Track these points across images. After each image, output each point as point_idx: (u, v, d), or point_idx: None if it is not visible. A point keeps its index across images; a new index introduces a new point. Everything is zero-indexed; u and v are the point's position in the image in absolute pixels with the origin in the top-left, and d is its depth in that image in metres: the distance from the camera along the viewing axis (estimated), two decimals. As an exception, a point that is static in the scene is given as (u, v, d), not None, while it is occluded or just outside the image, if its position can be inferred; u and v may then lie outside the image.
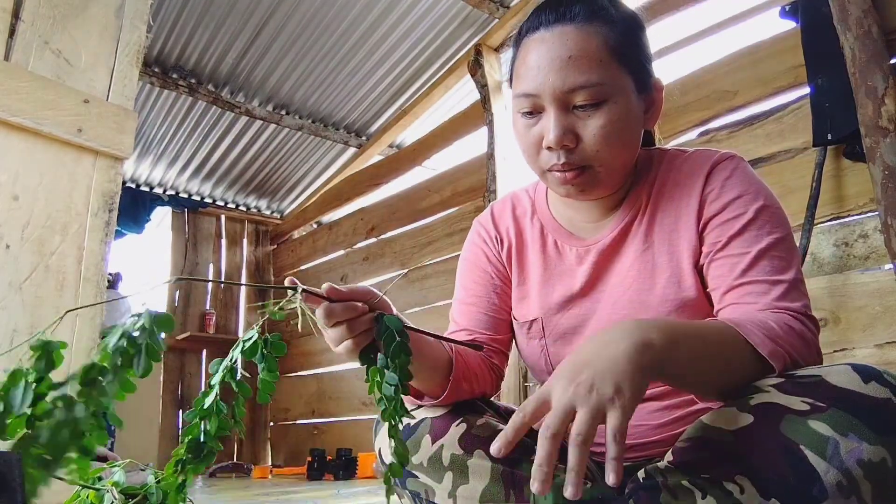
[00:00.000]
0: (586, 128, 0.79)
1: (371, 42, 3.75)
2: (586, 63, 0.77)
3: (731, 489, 0.60)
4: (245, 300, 5.49)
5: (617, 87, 0.79)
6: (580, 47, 0.78)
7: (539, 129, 0.81)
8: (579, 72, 0.77)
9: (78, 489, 0.68)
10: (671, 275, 0.84)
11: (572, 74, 0.77)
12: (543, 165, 0.83)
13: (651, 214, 0.88)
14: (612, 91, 0.78)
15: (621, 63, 0.79)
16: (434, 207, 4.06)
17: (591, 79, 0.77)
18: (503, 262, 0.98)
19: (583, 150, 0.80)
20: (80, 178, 1.48)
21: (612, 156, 0.80)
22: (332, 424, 4.64)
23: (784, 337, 0.68)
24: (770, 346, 0.66)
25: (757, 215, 0.79)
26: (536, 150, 0.83)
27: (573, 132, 0.79)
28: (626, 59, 0.80)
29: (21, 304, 1.34)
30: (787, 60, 2.42)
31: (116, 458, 2.08)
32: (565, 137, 0.79)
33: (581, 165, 0.80)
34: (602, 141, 0.79)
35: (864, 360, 2.07)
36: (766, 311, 0.73)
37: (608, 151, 0.80)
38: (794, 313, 0.72)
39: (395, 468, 0.68)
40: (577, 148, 0.80)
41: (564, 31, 0.79)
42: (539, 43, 0.80)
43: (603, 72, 0.78)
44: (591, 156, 0.80)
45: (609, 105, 0.78)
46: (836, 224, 2.24)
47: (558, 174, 0.82)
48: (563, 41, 0.78)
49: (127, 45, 1.60)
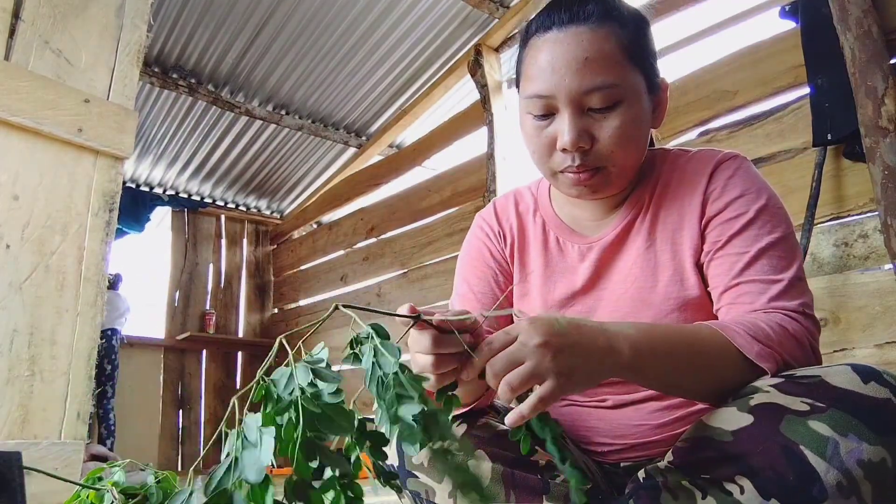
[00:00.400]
0: (601, 129, 0.79)
1: (371, 42, 3.75)
2: (602, 64, 0.77)
3: (731, 489, 0.60)
4: (245, 300, 5.50)
5: (631, 88, 0.79)
6: (596, 48, 0.77)
7: (552, 130, 0.81)
8: (596, 73, 0.77)
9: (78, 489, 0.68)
10: (673, 273, 0.84)
11: (589, 76, 0.77)
12: (556, 167, 0.83)
13: (654, 213, 0.88)
14: (627, 92, 0.78)
15: (634, 63, 0.80)
16: (434, 207, 4.06)
17: (607, 80, 0.77)
18: (506, 257, 0.98)
19: (597, 152, 0.80)
20: (80, 178, 1.48)
21: (625, 156, 0.81)
22: (332, 424, 4.64)
23: (773, 338, 0.68)
24: (757, 348, 0.67)
25: (758, 215, 0.79)
26: (548, 151, 0.82)
27: (588, 134, 0.79)
28: (637, 60, 0.80)
29: (21, 304, 1.34)
30: (787, 60, 2.42)
31: (116, 458, 2.08)
32: (581, 139, 0.78)
33: (595, 167, 0.80)
34: (616, 142, 0.79)
35: (864, 360, 2.07)
36: (759, 312, 0.73)
37: (622, 152, 0.80)
38: (788, 312, 0.72)
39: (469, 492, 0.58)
40: (592, 149, 0.79)
41: (579, 32, 0.78)
42: (552, 43, 0.80)
43: (618, 73, 0.78)
44: (605, 157, 0.80)
45: (623, 106, 0.78)
46: (836, 224, 2.24)
47: (572, 175, 0.81)
48: (579, 42, 0.78)
49: (127, 45, 1.60)
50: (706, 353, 0.68)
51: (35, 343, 1.34)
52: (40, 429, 1.32)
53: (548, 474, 0.77)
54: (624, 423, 0.86)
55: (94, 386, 4.19)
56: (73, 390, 1.39)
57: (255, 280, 5.58)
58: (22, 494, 0.66)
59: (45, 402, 1.34)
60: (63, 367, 1.38)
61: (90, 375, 1.43)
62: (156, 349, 4.92)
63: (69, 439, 1.36)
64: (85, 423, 1.41)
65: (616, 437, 0.87)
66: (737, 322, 0.70)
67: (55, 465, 1.29)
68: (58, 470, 1.26)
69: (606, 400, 0.88)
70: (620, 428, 0.87)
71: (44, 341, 1.36)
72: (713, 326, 0.70)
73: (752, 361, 0.67)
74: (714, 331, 0.69)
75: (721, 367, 0.67)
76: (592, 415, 0.89)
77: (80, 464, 1.34)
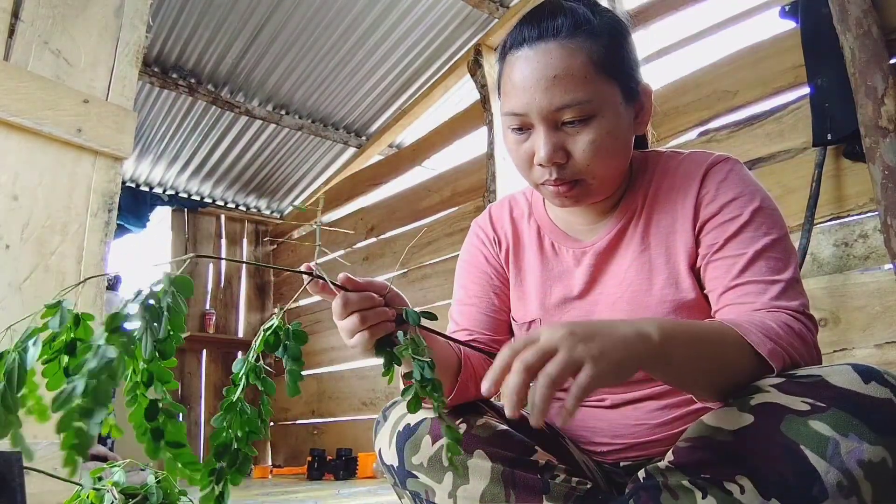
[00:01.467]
0: (576, 143, 0.79)
1: (371, 42, 3.75)
2: (571, 81, 0.77)
3: (732, 489, 0.60)
4: (245, 300, 5.50)
5: (604, 101, 0.78)
6: (564, 66, 0.77)
7: (529, 145, 0.81)
8: (565, 91, 0.77)
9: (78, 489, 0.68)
10: (668, 276, 0.84)
11: (558, 94, 0.77)
12: (536, 179, 0.84)
13: (647, 217, 0.88)
14: (600, 106, 0.78)
15: (607, 75, 0.79)
16: (434, 207, 4.06)
17: (576, 97, 0.77)
18: (501, 263, 0.99)
19: (574, 165, 0.80)
20: (79, 178, 1.48)
21: (604, 168, 0.81)
22: (332, 424, 4.64)
23: (784, 336, 0.68)
24: (769, 346, 0.66)
25: (753, 217, 0.80)
26: (528, 165, 0.83)
27: (563, 149, 0.79)
28: (612, 71, 0.79)
29: (21, 304, 1.34)
30: (787, 60, 2.42)
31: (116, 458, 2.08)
32: (555, 155, 0.79)
33: (573, 180, 0.81)
34: (592, 155, 0.79)
35: (864, 360, 2.07)
36: (763, 311, 0.73)
37: (599, 164, 0.80)
38: (791, 312, 0.72)
39: (452, 447, 0.67)
40: (569, 163, 0.80)
41: (548, 49, 0.78)
42: (523, 61, 0.80)
43: (589, 88, 0.77)
44: (582, 170, 0.80)
45: (597, 119, 0.78)
46: (836, 224, 2.24)
47: (552, 188, 0.82)
48: (548, 60, 0.78)
49: (126, 45, 1.60)
50: (726, 345, 0.67)
51: (35, 343, 1.34)
52: (40, 429, 1.32)
53: (548, 474, 0.77)
54: (623, 423, 0.87)
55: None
56: (73, 390, 1.39)
57: (255, 280, 5.58)
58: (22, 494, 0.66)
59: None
60: (63, 368, 1.38)
61: (90, 375, 1.43)
62: (156, 349, 4.92)
63: (69, 439, 1.36)
64: (85, 424, 1.41)
65: (615, 437, 0.87)
66: (747, 320, 0.70)
67: (55, 465, 1.29)
68: (57, 470, 1.26)
69: (605, 399, 0.88)
70: (620, 427, 0.87)
71: (43, 341, 1.36)
72: (725, 322, 0.70)
73: (761, 358, 0.66)
74: (728, 326, 0.68)
75: (737, 361, 0.67)
76: (592, 414, 0.90)
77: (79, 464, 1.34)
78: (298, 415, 4.99)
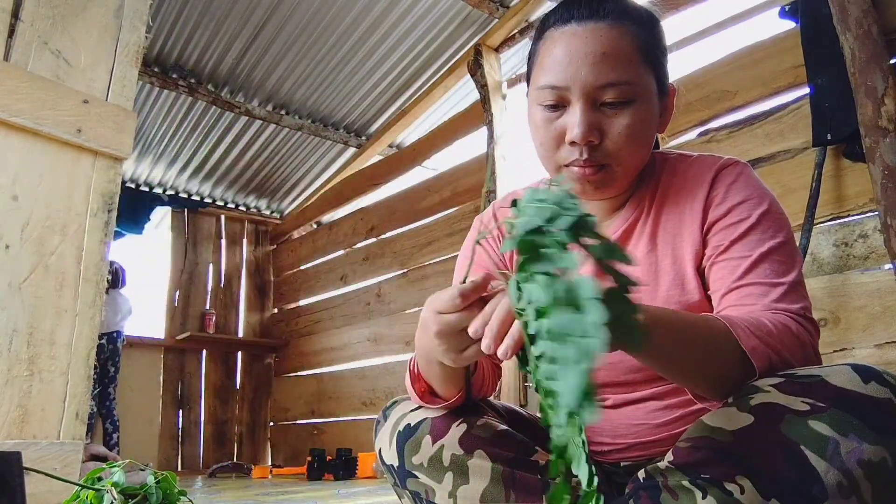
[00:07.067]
0: (612, 125, 0.79)
1: (371, 42, 3.75)
2: (619, 61, 0.78)
3: (732, 489, 0.60)
4: (245, 300, 5.50)
5: (643, 88, 0.80)
6: (614, 45, 0.78)
7: (562, 123, 0.81)
8: (612, 69, 0.78)
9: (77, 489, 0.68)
10: (675, 277, 0.84)
11: (605, 70, 0.78)
12: (561, 160, 0.83)
13: (655, 217, 0.88)
14: (640, 91, 0.79)
15: (648, 63, 0.80)
16: (434, 207, 4.07)
17: (622, 76, 0.78)
18: (504, 259, 0.98)
19: (605, 148, 0.80)
20: (79, 179, 1.48)
21: (632, 155, 0.81)
22: (332, 424, 4.64)
23: (775, 336, 0.68)
24: (753, 343, 0.66)
25: (760, 220, 0.80)
26: (556, 144, 0.82)
27: (599, 129, 0.79)
28: (651, 60, 0.81)
29: (21, 304, 1.34)
30: (787, 60, 2.43)
31: (116, 458, 2.08)
32: (591, 133, 0.79)
33: (601, 163, 0.81)
34: (625, 140, 0.79)
35: (864, 360, 2.07)
36: (763, 312, 0.73)
37: (629, 151, 0.80)
38: (792, 315, 0.72)
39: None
40: (600, 145, 0.80)
41: (598, 28, 0.79)
42: (570, 36, 0.80)
43: (633, 71, 0.79)
44: (612, 154, 0.80)
45: (636, 105, 0.79)
46: (836, 224, 2.24)
47: (577, 170, 0.82)
48: (597, 37, 0.79)
49: (126, 46, 1.60)
50: (714, 337, 0.67)
51: (34, 343, 1.34)
52: (39, 429, 1.32)
53: (547, 474, 0.76)
54: (624, 423, 0.87)
55: (98, 387, 4.20)
56: (72, 390, 1.39)
57: (255, 280, 5.58)
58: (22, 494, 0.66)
59: (44, 402, 1.34)
60: (62, 367, 1.38)
61: (89, 375, 1.43)
62: (156, 349, 4.92)
63: (68, 439, 1.36)
64: (84, 423, 1.41)
65: (616, 437, 0.87)
66: (740, 317, 0.70)
67: (54, 465, 1.29)
68: (57, 470, 1.26)
69: (607, 399, 0.88)
70: (620, 427, 0.87)
71: (43, 341, 1.36)
72: (717, 316, 0.70)
73: (746, 356, 0.66)
74: (718, 319, 0.69)
75: (725, 353, 0.67)
76: (592, 414, 0.89)
77: (79, 464, 1.34)
78: (298, 415, 4.99)
